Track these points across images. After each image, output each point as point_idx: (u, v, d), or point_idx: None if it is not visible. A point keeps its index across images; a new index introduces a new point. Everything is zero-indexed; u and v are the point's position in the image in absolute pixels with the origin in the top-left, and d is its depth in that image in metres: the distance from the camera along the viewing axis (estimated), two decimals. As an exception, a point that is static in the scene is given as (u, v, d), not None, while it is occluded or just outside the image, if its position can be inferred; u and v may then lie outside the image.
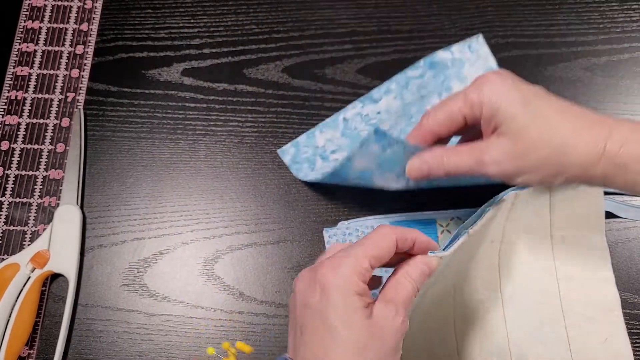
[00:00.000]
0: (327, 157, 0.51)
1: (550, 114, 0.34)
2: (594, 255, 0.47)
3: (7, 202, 0.53)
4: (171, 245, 0.51)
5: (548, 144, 0.34)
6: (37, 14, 0.58)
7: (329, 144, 0.52)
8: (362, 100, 0.53)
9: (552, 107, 0.35)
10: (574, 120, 0.34)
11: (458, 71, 0.53)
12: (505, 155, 0.35)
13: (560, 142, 0.34)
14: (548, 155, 0.34)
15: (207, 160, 0.53)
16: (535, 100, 0.35)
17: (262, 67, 0.56)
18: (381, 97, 0.53)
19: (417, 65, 0.53)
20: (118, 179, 0.53)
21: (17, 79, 0.56)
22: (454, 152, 0.37)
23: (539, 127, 0.34)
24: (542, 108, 0.34)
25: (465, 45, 0.54)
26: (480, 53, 0.53)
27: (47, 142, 0.54)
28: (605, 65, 0.54)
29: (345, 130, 0.52)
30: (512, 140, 0.34)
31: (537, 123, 0.34)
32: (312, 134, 0.52)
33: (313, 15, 0.57)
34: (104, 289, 0.50)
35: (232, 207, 0.52)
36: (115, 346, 0.49)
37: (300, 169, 0.51)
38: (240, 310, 0.49)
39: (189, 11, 0.58)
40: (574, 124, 0.34)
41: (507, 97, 0.35)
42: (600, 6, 0.56)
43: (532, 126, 0.34)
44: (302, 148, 0.52)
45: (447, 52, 0.53)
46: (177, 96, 0.55)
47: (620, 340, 0.46)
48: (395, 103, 0.52)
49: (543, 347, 0.45)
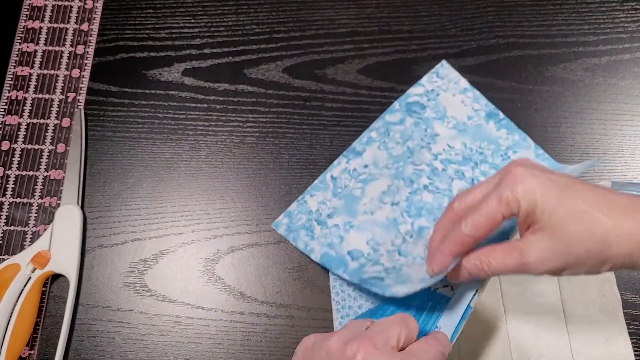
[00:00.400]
0: (324, 222, 0.50)
1: (586, 206, 0.33)
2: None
3: (8, 203, 0.53)
4: (172, 246, 0.51)
5: (590, 238, 0.33)
6: (37, 14, 0.58)
7: (322, 206, 0.51)
8: (345, 155, 0.52)
9: (586, 198, 0.34)
10: (609, 212, 0.33)
11: (436, 108, 0.53)
12: (547, 253, 0.34)
13: (601, 235, 0.33)
14: (591, 249, 0.33)
15: (207, 161, 0.53)
16: (568, 192, 0.34)
17: (262, 67, 0.56)
18: (364, 148, 0.52)
19: (392, 109, 0.53)
20: (119, 179, 0.53)
21: (18, 79, 0.56)
22: (492, 255, 0.36)
23: (578, 222, 0.33)
24: (577, 200, 0.34)
25: (432, 74, 0.54)
26: (450, 77, 0.54)
27: (48, 142, 0.54)
28: (606, 66, 0.54)
29: (336, 190, 0.51)
30: (553, 237, 0.34)
31: (576, 217, 0.33)
32: (303, 199, 0.51)
33: (314, 15, 0.57)
34: (104, 290, 0.50)
35: (233, 208, 0.52)
36: (115, 347, 0.49)
37: (298, 237, 0.50)
38: (241, 311, 0.49)
39: (189, 11, 0.58)
40: (611, 216, 0.33)
41: (542, 191, 0.34)
42: (601, 6, 0.56)
43: (571, 221, 0.33)
44: (296, 216, 0.51)
45: (419, 87, 0.54)
46: (177, 96, 0.55)
47: (621, 341, 0.46)
48: (380, 154, 0.52)
49: (544, 348, 0.46)
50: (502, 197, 0.35)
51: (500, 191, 0.35)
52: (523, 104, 0.53)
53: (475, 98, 0.53)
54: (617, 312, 0.46)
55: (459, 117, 0.52)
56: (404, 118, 0.53)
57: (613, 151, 0.52)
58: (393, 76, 0.55)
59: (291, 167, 0.53)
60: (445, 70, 0.54)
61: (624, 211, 0.33)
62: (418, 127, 0.52)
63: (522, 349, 0.45)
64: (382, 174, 0.51)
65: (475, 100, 0.53)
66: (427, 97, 0.53)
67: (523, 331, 0.46)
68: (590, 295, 0.46)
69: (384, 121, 0.53)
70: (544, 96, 0.53)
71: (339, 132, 0.54)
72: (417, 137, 0.52)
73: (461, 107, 0.53)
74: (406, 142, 0.52)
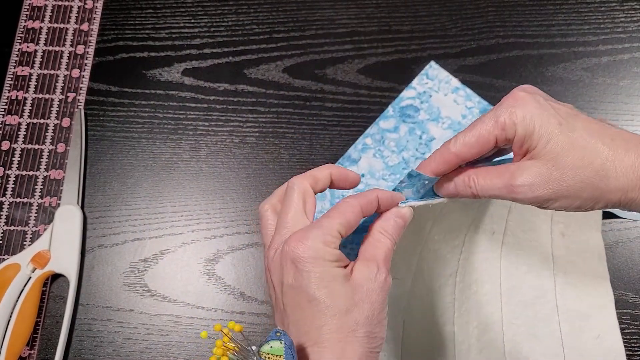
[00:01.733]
0: None
1: (588, 136, 0.32)
2: (591, 251, 0.47)
3: (8, 202, 0.53)
4: (172, 246, 0.51)
5: (587, 168, 0.32)
6: (37, 14, 0.58)
7: (319, 217, 0.51)
8: (341, 162, 0.52)
9: (589, 129, 0.33)
10: (611, 143, 0.32)
11: (430, 110, 0.53)
12: (540, 178, 0.32)
13: (600, 165, 0.32)
14: (587, 180, 0.32)
15: (207, 161, 0.53)
16: (570, 120, 0.33)
17: (262, 67, 0.56)
18: (360, 155, 0.52)
19: (386, 114, 0.53)
20: (119, 179, 0.53)
21: (18, 79, 0.56)
22: (482, 174, 0.35)
23: (577, 150, 0.32)
24: (578, 129, 0.33)
25: (422, 76, 0.54)
26: (440, 77, 0.54)
27: (48, 142, 0.54)
28: (606, 66, 0.54)
29: (334, 200, 0.51)
30: (549, 164, 0.32)
31: (575, 146, 0.32)
32: None
33: (314, 15, 0.57)
34: (104, 289, 0.50)
35: (233, 207, 0.52)
36: (116, 346, 0.49)
37: None
38: (241, 311, 0.49)
39: (189, 11, 0.58)
40: (612, 147, 0.32)
41: (542, 117, 0.32)
42: (601, 6, 0.56)
43: (570, 149, 0.32)
44: None
45: (410, 90, 0.54)
46: (177, 96, 0.55)
47: (612, 336, 0.46)
48: (376, 163, 0.52)
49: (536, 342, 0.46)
50: (498, 119, 0.33)
51: (498, 113, 0.33)
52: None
53: (467, 96, 0.53)
54: (609, 308, 0.46)
55: (454, 117, 0.53)
56: (398, 125, 0.53)
57: (613, 151, 0.52)
58: (393, 76, 0.55)
59: (291, 167, 0.53)
60: (434, 71, 0.54)
61: (627, 145, 0.32)
62: (413, 135, 0.52)
63: (514, 341, 0.46)
64: (379, 185, 0.51)
65: (468, 98, 0.53)
66: (420, 99, 0.53)
67: (516, 324, 0.46)
68: (584, 291, 0.47)
69: (378, 127, 0.53)
70: (543, 96, 0.53)
71: (339, 132, 0.54)
72: (412, 147, 0.52)
73: (454, 106, 0.53)
74: (401, 152, 0.52)
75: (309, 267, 0.32)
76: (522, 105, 0.33)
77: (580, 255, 0.47)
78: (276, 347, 0.32)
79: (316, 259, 0.32)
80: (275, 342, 0.32)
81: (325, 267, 0.32)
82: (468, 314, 0.46)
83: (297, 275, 0.32)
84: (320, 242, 0.32)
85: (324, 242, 0.32)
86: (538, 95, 0.34)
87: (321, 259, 0.32)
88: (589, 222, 0.47)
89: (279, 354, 0.31)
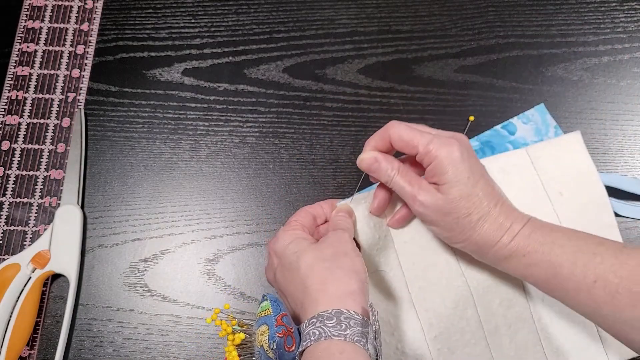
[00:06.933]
0: None
1: (482, 195, 0.40)
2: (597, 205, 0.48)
3: (8, 202, 0.53)
4: (172, 246, 0.51)
5: (466, 218, 0.40)
6: (37, 14, 0.58)
7: None
8: None
9: (485, 189, 0.40)
10: (494, 206, 0.40)
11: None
12: (434, 207, 0.40)
13: (475, 221, 0.40)
14: (462, 226, 0.40)
15: (207, 161, 0.53)
16: (476, 177, 0.40)
17: (262, 67, 0.56)
18: None
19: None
20: (119, 179, 0.53)
21: (18, 79, 0.56)
22: (403, 173, 0.42)
23: (468, 201, 0.39)
24: (478, 186, 0.40)
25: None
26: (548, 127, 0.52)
27: (48, 142, 0.54)
28: (606, 66, 0.54)
29: None
30: (444, 201, 0.40)
31: (469, 197, 0.39)
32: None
33: (314, 15, 0.57)
34: (104, 289, 0.50)
35: (233, 208, 0.52)
36: (116, 346, 0.49)
37: None
38: (241, 311, 0.49)
39: (189, 11, 0.58)
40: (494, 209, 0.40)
41: (458, 167, 0.39)
42: (601, 6, 0.56)
43: (464, 199, 0.39)
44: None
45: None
46: (177, 96, 0.55)
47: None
48: None
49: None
50: (430, 144, 0.40)
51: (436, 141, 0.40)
52: (523, 104, 0.53)
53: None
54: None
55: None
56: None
57: (613, 151, 0.52)
58: (393, 76, 0.55)
59: (291, 167, 0.53)
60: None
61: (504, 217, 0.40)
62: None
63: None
64: None
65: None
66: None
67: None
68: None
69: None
70: (544, 96, 0.53)
71: (339, 132, 0.54)
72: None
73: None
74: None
75: (286, 251, 0.41)
76: (450, 150, 0.39)
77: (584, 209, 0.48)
78: (264, 305, 0.40)
79: (290, 242, 0.42)
80: (263, 302, 0.40)
81: (298, 241, 0.41)
82: (488, 292, 0.46)
83: (280, 261, 0.42)
84: (290, 232, 0.43)
85: (292, 231, 0.43)
86: (470, 151, 0.41)
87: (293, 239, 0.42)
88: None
89: (267, 307, 0.39)
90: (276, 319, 0.38)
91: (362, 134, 0.53)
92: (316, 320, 0.36)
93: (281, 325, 0.37)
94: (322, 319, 0.35)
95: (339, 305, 0.36)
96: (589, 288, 0.36)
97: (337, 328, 0.35)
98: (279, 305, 0.39)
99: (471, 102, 0.54)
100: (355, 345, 0.34)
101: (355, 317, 0.36)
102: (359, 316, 0.36)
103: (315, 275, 0.38)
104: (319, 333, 0.35)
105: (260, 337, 0.38)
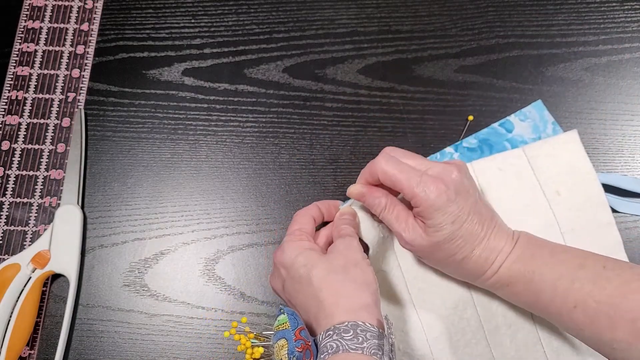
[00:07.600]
0: None
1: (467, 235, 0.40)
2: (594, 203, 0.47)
3: (8, 203, 0.53)
4: (172, 246, 0.51)
5: (450, 258, 0.41)
6: (37, 14, 0.58)
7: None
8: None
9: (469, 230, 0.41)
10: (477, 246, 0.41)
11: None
12: (419, 245, 0.41)
13: (458, 261, 0.41)
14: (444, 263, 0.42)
15: (208, 161, 0.53)
16: (463, 218, 0.40)
17: (263, 67, 0.56)
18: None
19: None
20: (119, 179, 0.53)
21: (18, 79, 0.56)
22: (391, 210, 0.43)
23: (452, 243, 0.40)
24: (463, 229, 0.40)
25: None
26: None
27: (48, 142, 0.54)
28: (606, 66, 0.54)
29: None
30: (429, 243, 0.41)
31: (453, 238, 0.40)
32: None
33: (314, 15, 0.57)
34: (104, 289, 0.50)
35: (233, 208, 0.52)
36: (116, 346, 0.49)
37: None
38: (241, 311, 0.49)
39: (189, 11, 0.58)
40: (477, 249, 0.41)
41: (445, 211, 0.40)
42: (601, 6, 0.56)
43: (448, 241, 0.40)
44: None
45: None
46: (177, 96, 0.55)
47: None
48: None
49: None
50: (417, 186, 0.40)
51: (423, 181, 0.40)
52: (523, 104, 0.53)
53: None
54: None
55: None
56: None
57: (613, 151, 0.52)
58: (393, 76, 0.55)
59: (291, 167, 0.53)
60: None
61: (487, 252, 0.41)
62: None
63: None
64: None
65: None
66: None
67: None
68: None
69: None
70: (544, 96, 0.53)
71: (339, 132, 0.54)
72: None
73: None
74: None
75: (294, 264, 0.41)
76: (438, 194, 0.39)
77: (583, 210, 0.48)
78: (281, 318, 0.39)
79: (296, 253, 0.41)
80: (280, 316, 0.40)
81: (306, 253, 0.41)
82: (488, 292, 0.46)
83: (288, 274, 0.42)
84: (295, 243, 0.42)
85: (296, 242, 0.42)
86: (454, 187, 0.40)
87: (300, 250, 0.41)
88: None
89: (285, 321, 0.39)
90: (295, 333, 0.38)
91: (362, 134, 0.53)
92: (332, 333, 0.36)
93: (300, 340, 0.38)
94: (339, 332, 0.36)
95: (355, 317, 0.36)
96: (569, 312, 0.38)
97: (355, 341, 0.35)
98: (296, 318, 0.39)
99: (471, 102, 0.54)
100: (372, 358, 0.35)
101: (371, 330, 0.36)
102: (375, 329, 0.36)
103: (328, 288, 0.38)
104: (336, 346, 0.35)
105: (279, 352, 0.38)
